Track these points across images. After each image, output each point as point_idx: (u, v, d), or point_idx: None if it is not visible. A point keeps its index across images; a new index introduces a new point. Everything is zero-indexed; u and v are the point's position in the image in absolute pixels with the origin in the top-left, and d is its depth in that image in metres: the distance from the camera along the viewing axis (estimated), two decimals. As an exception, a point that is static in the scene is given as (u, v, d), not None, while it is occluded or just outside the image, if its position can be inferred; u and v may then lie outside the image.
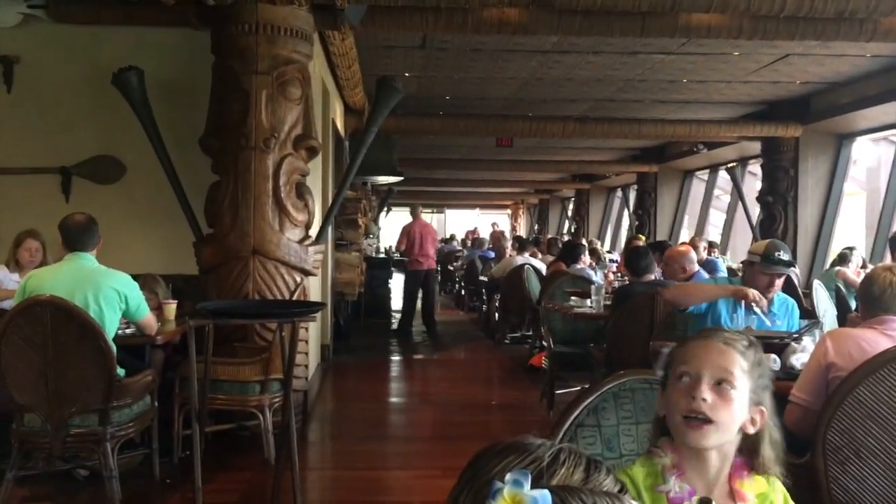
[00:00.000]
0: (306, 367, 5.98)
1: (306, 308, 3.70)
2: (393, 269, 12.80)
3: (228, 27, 5.07)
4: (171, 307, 4.74)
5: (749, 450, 1.50)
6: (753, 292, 3.70)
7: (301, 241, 5.26)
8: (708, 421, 1.42)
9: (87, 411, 3.79)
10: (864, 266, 8.24)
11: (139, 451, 4.45)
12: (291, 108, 5.19)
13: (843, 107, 9.40)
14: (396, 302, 12.01)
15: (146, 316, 4.18)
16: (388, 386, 7.90)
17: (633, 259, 5.39)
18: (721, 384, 1.45)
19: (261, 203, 5.08)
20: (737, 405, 1.45)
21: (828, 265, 9.38)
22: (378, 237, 17.29)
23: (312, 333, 6.70)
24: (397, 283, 12.43)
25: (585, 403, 1.70)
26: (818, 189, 10.58)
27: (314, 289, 6.34)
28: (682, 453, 1.46)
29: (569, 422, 1.68)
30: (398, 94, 5.81)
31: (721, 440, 1.44)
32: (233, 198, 5.08)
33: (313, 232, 5.49)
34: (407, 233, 11.23)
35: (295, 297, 5.10)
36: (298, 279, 5.23)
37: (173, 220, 5.61)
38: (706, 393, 1.43)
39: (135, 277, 4.22)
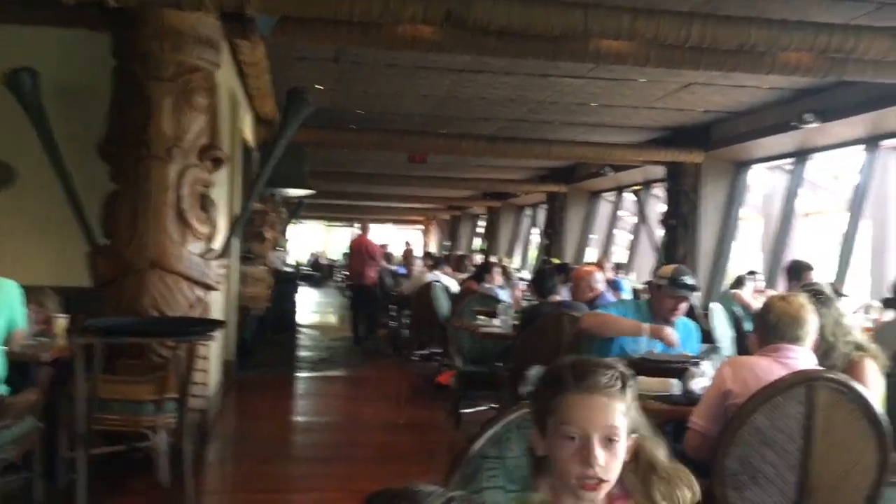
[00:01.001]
0: (206, 385, 5.76)
1: (203, 327, 3.55)
2: (300, 283, 12.61)
3: (131, 31, 4.87)
4: (61, 322, 4.49)
5: (624, 476, 1.49)
6: (669, 333, 3.75)
7: (204, 255, 5.08)
8: (602, 480, 1.42)
9: (-38, 433, 3.54)
10: (762, 290, 8.55)
11: (21, 474, 4.18)
12: (196, 117, 5.02)
13: (741, 135, 9.79)
14: (302, 317, 11.81)
15: (19, 330, 3.94)
16: (293, 404, 7.72)
17: (540, 280, 5.44)
18: (610, 441, 1.44)
19: (161, 214, 4.88)
20: (621, 450, 1.45)
21: (724, 287, 9.72)
22: (286, 250, 17.00)
23: (214, 349, 6.48)
24: (305, 297, 12.26)
25: (488, 434, 1.66)
26: (717, 213, 10.96)
27: (217, 304, 6.14)
28: (561, 496, 1.45)
29: (471, 453, 1.63)
30: (308, 106, 5.71)
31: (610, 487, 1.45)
32: (132, 208, 4.87)
33: (217, 245, 5.32)
34: (350, 248, 11.96)
35: (195, 313, 4.92)
36: (200, 294, 5.05)
37: (69, 229, 5.32)
38: (600, 458, 1.42)
39: (24, 289, 3.98)
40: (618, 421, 1.44)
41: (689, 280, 3.94)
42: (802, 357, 2.74)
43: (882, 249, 8.95)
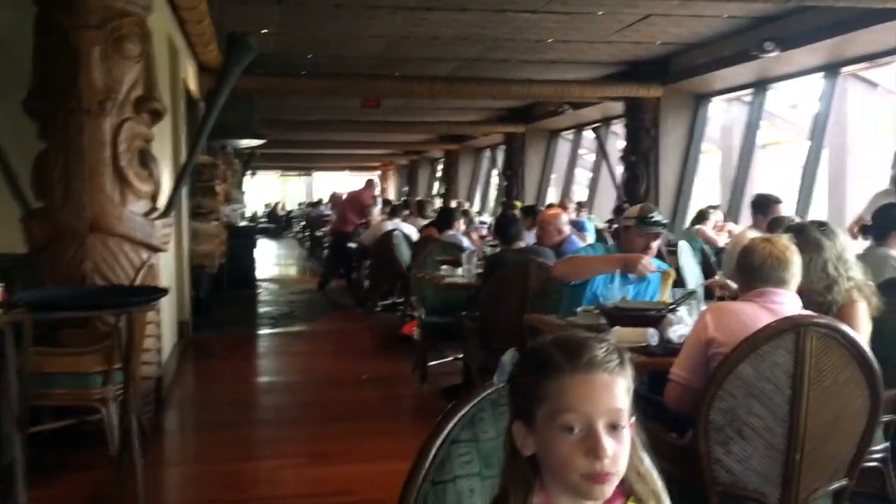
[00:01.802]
0: (159, 351, 5.51)
1: (144, 296, 3.29)
2: (257, 236, 12.30)
3: (51, -26, 4.47)
4: (-6, 293, 4.18)
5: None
6: (643, 260, 3.61)
7: (147, 214, 4.77)
8: (611, 474, 1.21)
9: None
10: (723, 225, 8.47)
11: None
12: (130, 67, 4.65)
13: (700, 67, 9.60)
14: (262, 271, 11.53)
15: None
16: (253, 364, 7.49)
17: (503, 226, 5.24)
18: (615, 428, 1.21)
19: (97, 173, 4.54)
20: (627, 437, 1.23)
21: (688, 223, 9.64)
22: (243, 203, 16.59)
23: (167, 311, 6.21)
24: (263, 251, 11.97)
25: (460, 415, 1.47)
26: (678, 148, 10.85)
27: (167, 265, 5.85)
28: (555, 498, 1.25)
29: (441, 438, 1.44)
30: (252, 52, 5.36)
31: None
32: (64, 167, 4.52)
33: (161, 203, 5.01)
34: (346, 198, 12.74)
35: (141, 276, 4.64)
36: (145, 256, 4.75)
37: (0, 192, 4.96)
38: (609, 447, 1.20)
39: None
40: (622, 402, 1.22)
41: (658, 217, 3.80)
42: (789, 301, 2.59)
43: (840, 178, 8.91)
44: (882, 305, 3.05)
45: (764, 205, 5.93)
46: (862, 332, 2.88)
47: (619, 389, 1.22)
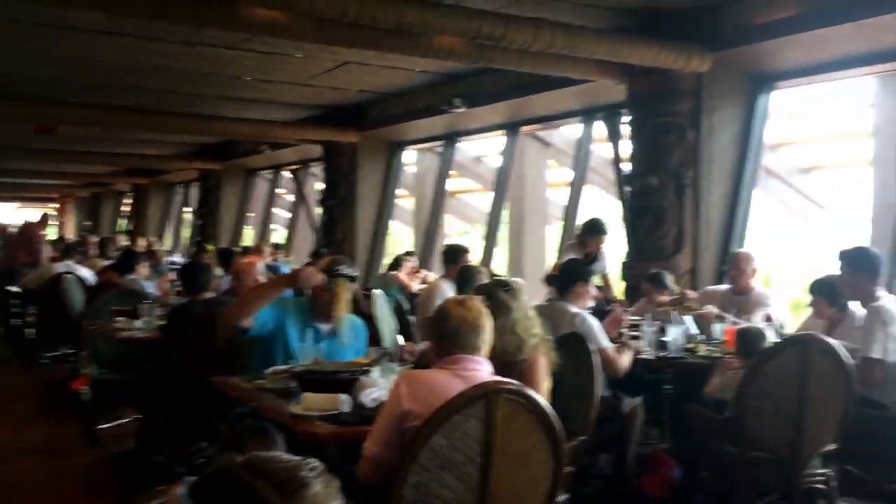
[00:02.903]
0: None
1: None
2: None
3: None
4: None
5: None
6: (305, 271, 3.46)
7: None
8: None
9: None
10: (417, 270, 8.70)
11: None
12: None
13: (394, 117, 9.88)
14: None
15: None
16: None
17: (191, 274, 4.82)
18: None
19: None
20: None
21: (383, 268, 9.79)
22: None
23: None
24: None
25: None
26: (374, 193, 11.04)
27: None
28: None
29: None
30: None
31: None
32: None
33: None
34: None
35: None
36: None
37: None
38: None
39: None
40: None
41: (346, 270, 3.64)
42: (482, 368, 2.56)
43: (520, 228, 9.62)
44: (559, 360, 3.19)
45: (454, 254, 6.14)
46: (543, 387, 2.98)
47: None
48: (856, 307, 4.47)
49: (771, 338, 4.27)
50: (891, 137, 5.89)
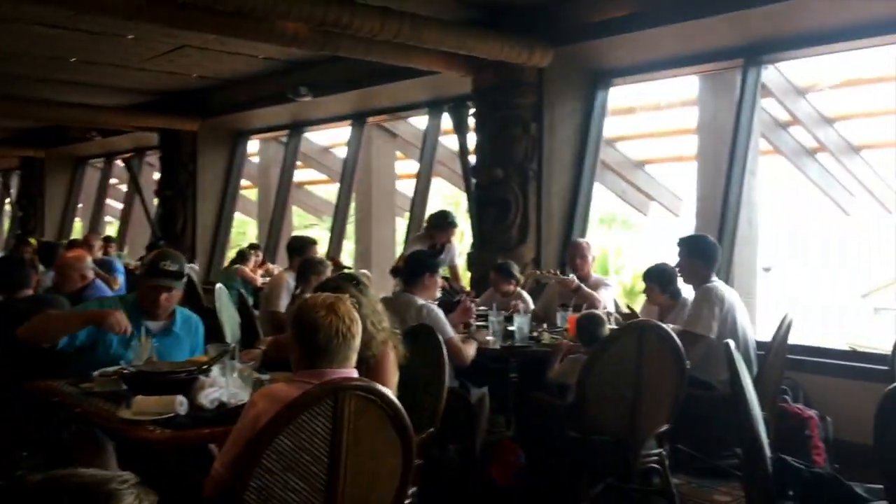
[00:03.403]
0: None
1: None
2: None
3: None
4: None
5: None
6: (113, 316, 3.19)
7: None
8: None
9: None
10: (263, 263, 8.44)
11: None
12: None
13: (238, 105, 9.55)
14: None
15: None
16: None
17: (5, 270, 4.39)
18: None
19: None
20: None
21: (227, 262, 9.44)
22: None
23: None
24: None
25: None
26: (216, 184, 10.63)
27: None
28: None
29: None
30: None
31: None
32: None
33: None
34: None
35: None
36: None
37: None
38: None
39: None
40: None
41: (170, 266, 3.39)
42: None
43: (367, 220, 9.51)
44: (408, 352, 3.15)
45: (300, 247, 5.98)
46: (392, 382, 2.93)
47: None
48: (689, 293, 4.71)
49: (610, 324, 4.43)
50: (712, 134, 6.25)
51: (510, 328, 4.74)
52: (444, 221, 6.52)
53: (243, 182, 11.28)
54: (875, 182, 7.25)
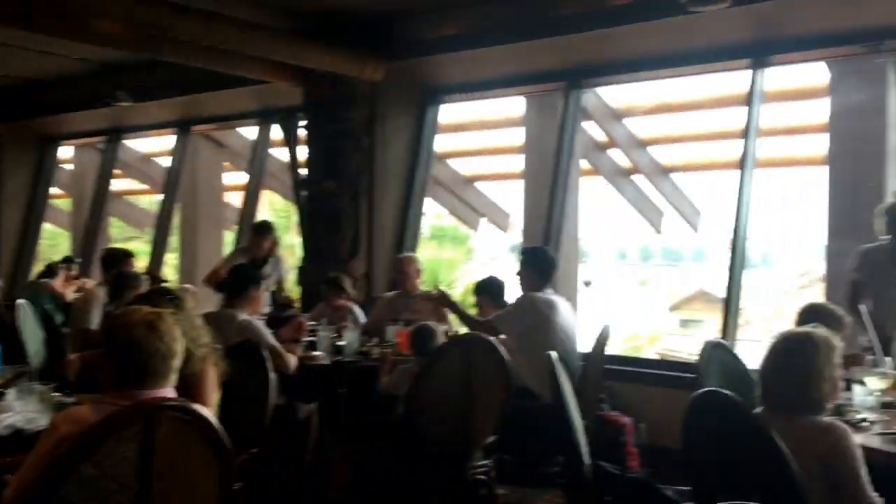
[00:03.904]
0: None
1: None
2: None
3: None
4: None
5: None
6: None
7: None
8: None
9: None
10: (76, 277, 7.84)
11: None
12: None
13: (46, 108, 8.87)
14: None
15: None
16: None
17: None
18: None
19: None
20: None
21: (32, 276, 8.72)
22: None
23: None
24: None
25: None
26: (22, 193, 9.86)
27: None
28: None
29: None
30: None
31: None
32: None
33: None
34: None
35: None
36: None
37: None
38: None
39: None
40: None
41: None
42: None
43: (193, 233, 9.09)
44: (230, 369, 3.02)
45: (113, 260, 5.64)
46: (212, 400, 2.79)
47: None
48: None
49: (441, 335, 4.47)
50: (538, 153, 6.50)
51: (339, 343, 4.68)
52: (260, 231, 6.31)
53: (55, 191, 10.52)
54: (682, 202, 7.79)
